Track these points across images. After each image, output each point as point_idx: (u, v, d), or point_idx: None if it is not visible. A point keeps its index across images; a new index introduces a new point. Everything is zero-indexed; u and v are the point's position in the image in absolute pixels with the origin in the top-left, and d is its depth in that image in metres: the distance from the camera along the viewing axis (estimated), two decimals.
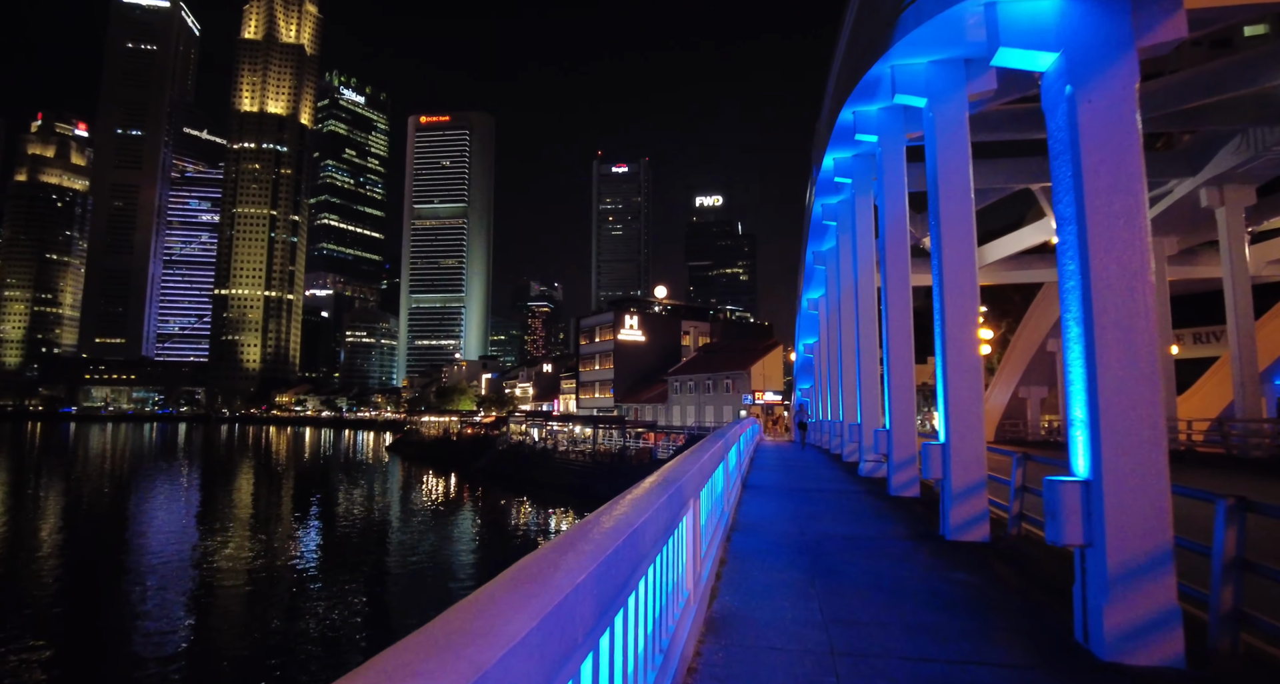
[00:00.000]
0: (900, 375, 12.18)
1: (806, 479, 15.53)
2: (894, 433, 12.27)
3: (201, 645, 17.98)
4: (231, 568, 26.31)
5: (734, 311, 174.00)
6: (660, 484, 3.41)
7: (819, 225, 21.77)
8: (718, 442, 7.35)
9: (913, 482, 12.33)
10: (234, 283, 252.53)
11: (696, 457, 5.30)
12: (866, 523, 9.50)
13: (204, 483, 57.49)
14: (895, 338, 12.32)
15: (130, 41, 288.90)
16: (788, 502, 11.39)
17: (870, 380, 16.33)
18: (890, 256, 12.79)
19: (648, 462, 50.31)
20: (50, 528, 35.46)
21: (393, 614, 21.32)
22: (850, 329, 20.13)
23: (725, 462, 8.49)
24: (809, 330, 34.19)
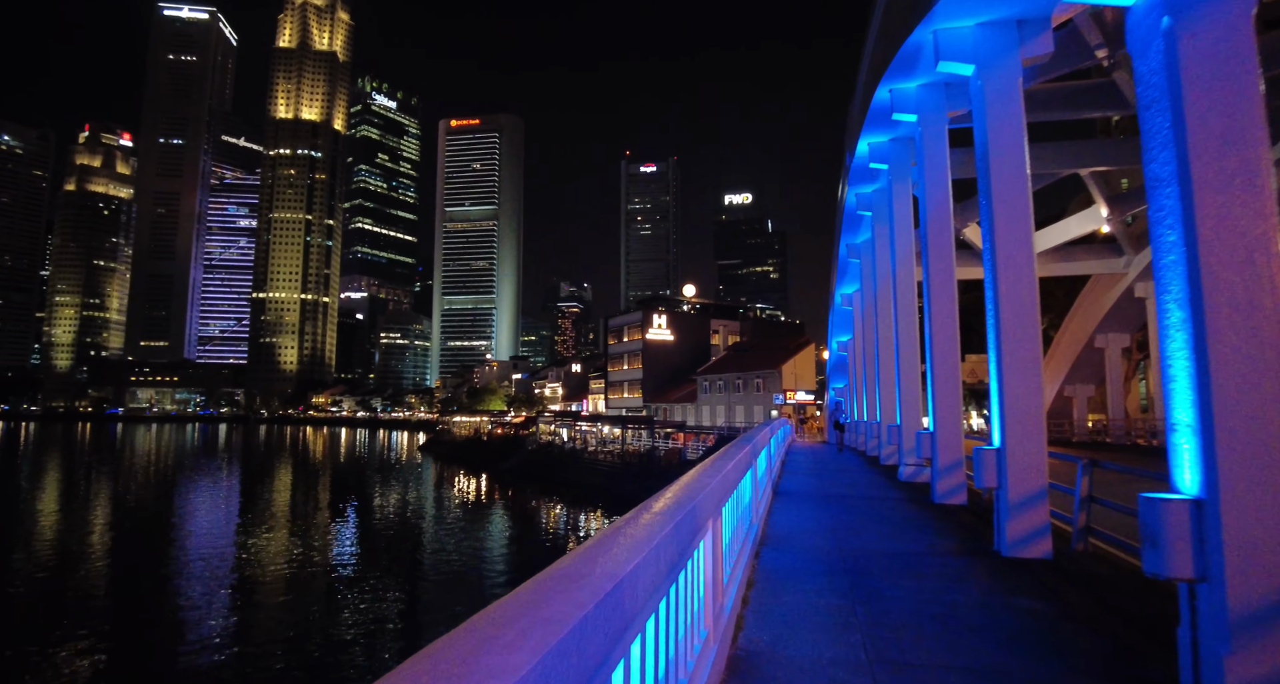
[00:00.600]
0: (945, 374, 11.24)
1: (842, 484, 14.62)
2: (938, 435, 11.33)
3: (243, 642, 18.25)
4: (272, 565, 26.80)
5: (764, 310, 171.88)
6: (668, 509, 2.65)
7: (853, 216, 20.77)
8: (744, 447, 6.58)
9: (959, 488, 11.38)
10: (271, 286, 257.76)
11: (718, 467, 4.54)
12: (911, 535, 8.62)
13: (244, 482, 58.76)
14: (940, 333, 11.39)
15: (171, 53, 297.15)
16: (822, 510, 10.54)
17: (910, 379, 15.35)
18: (933, 245, 11.85)
19: (677, 462, 49.50)
20: (100, 525, 36.63)
21: (425, 615, 21.23)
22: (888, 325, 19.11)
23: (754, 468, 7.71)
24: (843, 327, 32.99)
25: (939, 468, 11.37)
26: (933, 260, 11.75)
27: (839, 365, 36.96)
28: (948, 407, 11.31)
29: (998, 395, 7.58)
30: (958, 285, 15.85)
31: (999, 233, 7.68)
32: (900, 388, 15.48)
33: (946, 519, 9.96)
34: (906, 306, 15.74)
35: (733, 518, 5.29)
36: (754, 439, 7.90)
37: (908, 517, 10.21)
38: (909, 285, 15.87)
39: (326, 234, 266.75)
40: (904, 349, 15.51)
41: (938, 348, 11.37)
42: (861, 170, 17.86)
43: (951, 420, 11.25)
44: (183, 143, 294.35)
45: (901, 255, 15.89)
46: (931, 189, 12.07)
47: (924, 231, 12.06)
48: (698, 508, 2.97)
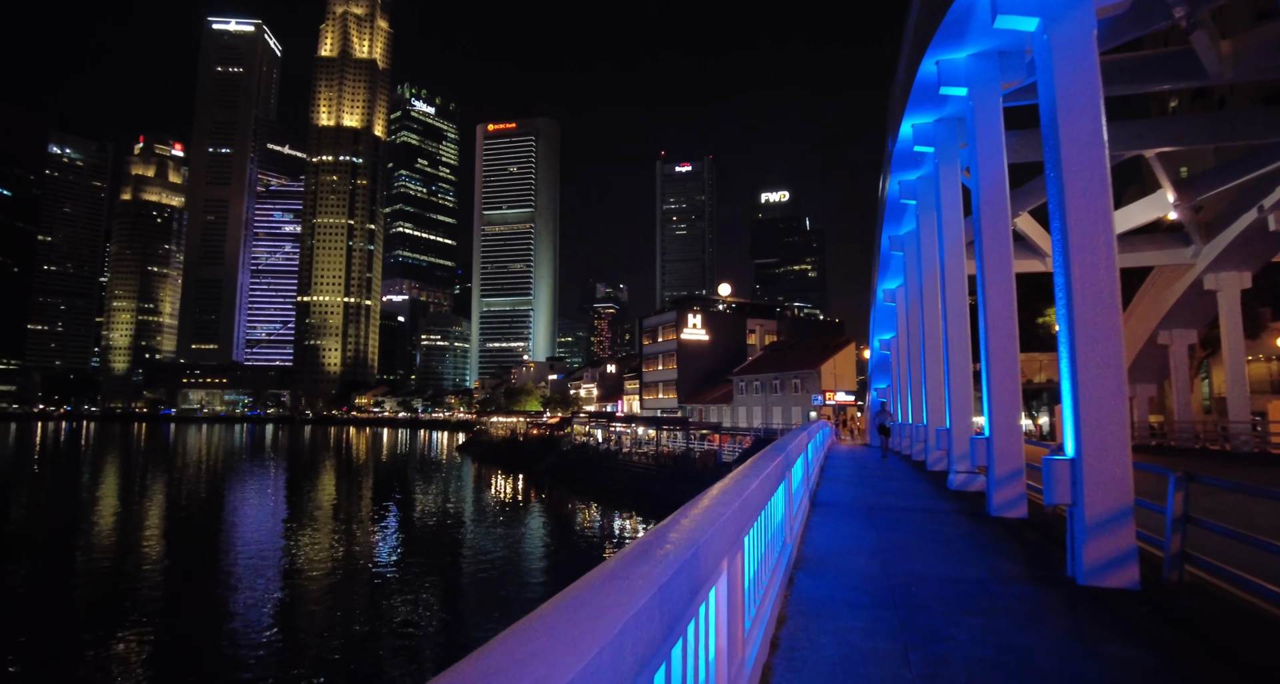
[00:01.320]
0: (1002, 374, 10.14)
1: (886, 494, 13.51)
2: (995, 442, 10.23)
3: (289, 635, 18.71)
4: (317, 562, 27.43)
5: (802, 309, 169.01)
6: (653, 563, 1.79)
7: (895, 205, 19.58)
8: (775, 458, 5.69)
9: (1018, 500, 10.24)
10: (315, 290, 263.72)
11: (739, 488, 3.67)
12: (968, 558, 7.59)
13: (290, 481, 60.13)
14: (996, 330, 10.29)
15: (219, 65, 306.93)
16: (865, 525, 9.52)
17: (961, 379, 14.17)
18: (988, 233, 10.74)
19: (712, 465, 48.45)
20: (155, 521, 38.27)
21: (462, 617, 21.28)
22: (935, 321, 17.90)
23: (788, 480, 6.82)
24: (885, 324, 31.56)
25: (996, 477, 10.26)
26: (988, 249, 10.64)
27: (881, 364, 35.49)
28: (1006, 410, 10.20)
29: (1072, 399, 6.53)
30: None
31: (1072, 213, 6.61)
32: (950, 389, 14.32)
33: (1007, 537, 8.87)
34: (956, 301, 14.57)
35: (759, 547, 4.42)
36: (787, 447, 6.99)
37: (962, 533, 9.14)
38: (958, 278, 14.70)
39: (368, 238, 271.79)
40: (953, 347, 14.34)
41: (994, 346, 10.28)
42: (905, 155, 16.72)
43: (1010, 425, 10.14)
44: (230, 151, 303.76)
45: (950, 246, 14.74)
46: (985, 170, 10.96)
47: (977, 218, 10.96)
48: (702, 554, 2.11)
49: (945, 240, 14.84)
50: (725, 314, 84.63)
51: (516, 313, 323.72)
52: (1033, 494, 10.74)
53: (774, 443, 7.42)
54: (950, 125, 14.63)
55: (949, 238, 14.80)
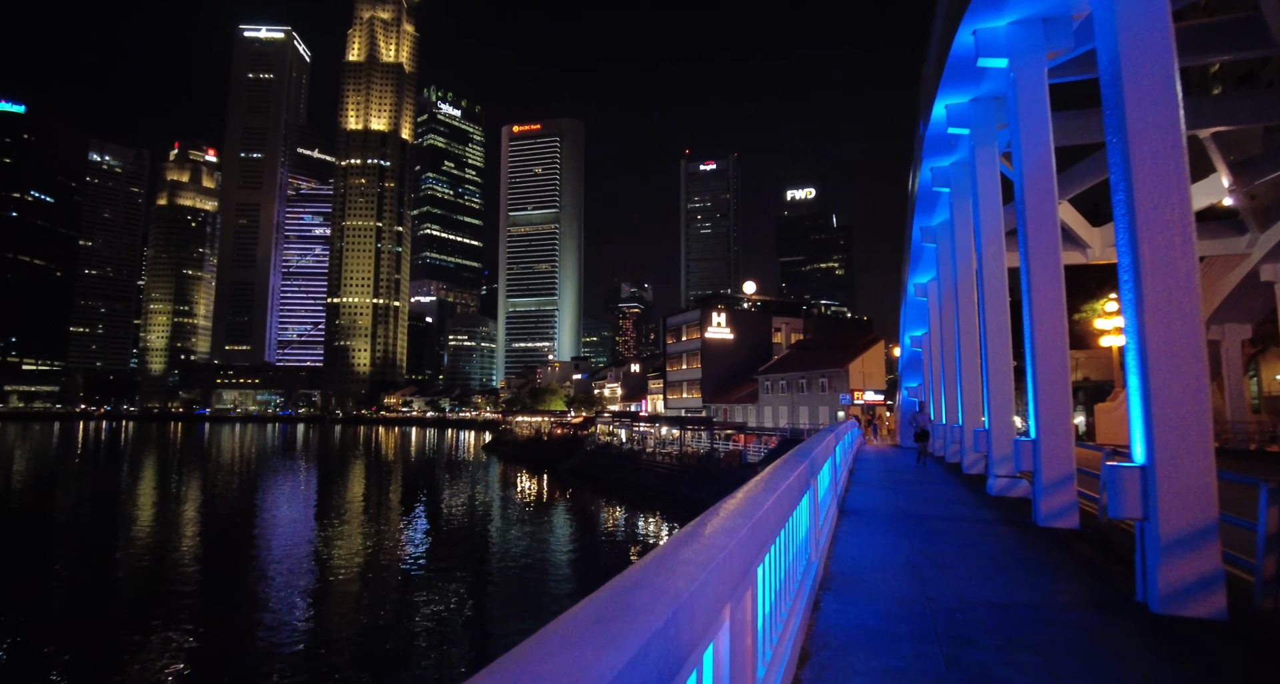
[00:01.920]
0: (1050, 372, 9.23)
1: (921, 500, 12.59)
2: (1042, 444, 9.32)
3: (318, 635, 18.99)
4: (346, 561, 27.91)
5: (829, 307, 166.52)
6: (609, 638, 1.16)
7: (927, 194, 18.59)
8: (799, 465, 4.95)
9: (1069, 509, 9.31)
10: (345, 292, 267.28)
11: (751, 507, 2.93)
12: (1018, 577, 6.73)
13: (321, 480, 61.01)
14: (1043, 324, 9.38)
15: (251, 72, 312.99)
16: (899, 536, 8.69)
17: (1000, 377, 13.22)
18: (1034, 218, 9.81)
19: (737, 465, 47.51)
20: (191, 518, 39.40)
21: (487, 617, 21.38)
22: (970, 315, 16.91)
23: (813, 489, 6.06)
24: (916, 320, 30.36)
25: (1044, 484, 9.34)
26: (1033, 236, 9.72)
27: (912, 362, 34.27)
28: (1055, 410, 9.28)
29: (1142, 397, 5.66)
30: None
31: (1141, 189, 5.73)
32: (988, 387, 13.37)
33: (1058, 550, 7.98)
34: (994, 294, 13.62)
35: (777, 572, 3.68)
36: (812, 452, 6.22)
37: (1007, 546, 8.27)
38: (997, 269, 13.75)
39: (396, 240, 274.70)
40: (992, 342, 13.39)
41: (1041, 340, 9.37)
42: (938, 139, 15.75)
43: (1060, 426, 9.22)
44: (262, 156, 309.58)
45: (988, 235, 13.78)
46: (1030, 148, 10.03)
47: (1021, 202, 10.03)
48: (685, 614, 1.52)
49: (982, 229, 13.89)
50: (750, 312, 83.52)
51: (542, 313, 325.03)
52: (1085, 503, 9.80)
53: (797, 447, 6.66)
54: (987, 105, 13.67)
55: (986, 226, 13.85)
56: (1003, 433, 13.02)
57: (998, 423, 13.07)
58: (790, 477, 4.29)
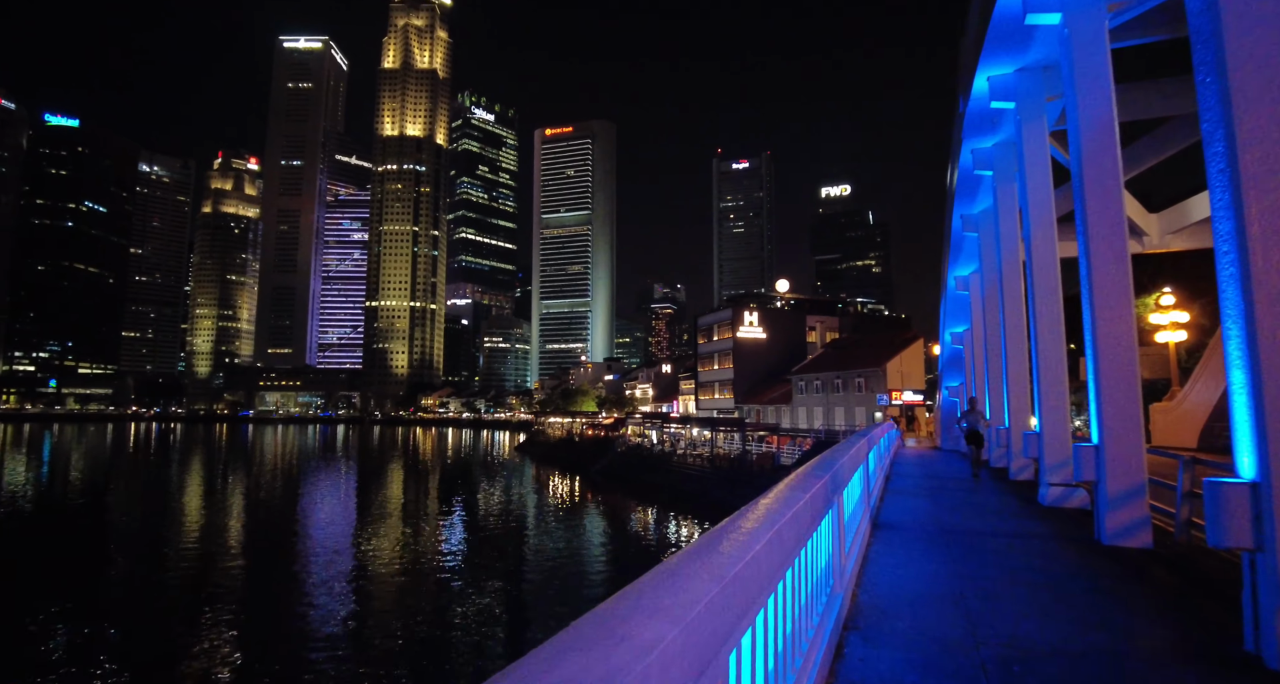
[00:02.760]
0: (1117, 369, 8.06)
1: (963, 511, 11.39)
2: (1108, 451, 8.14)
3: (358, 631, 19.48)
4: (384, 558, 28.78)
5: (865, 304, 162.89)
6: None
7: (968, 179, 17.27)
8: (818, 480, 4.00)
9: (1140, 526, 8.10)
10: (383, 295, 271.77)
11: (740, 549, 2.02)
12: (1088, 613, 5.62)
13: (360, 479, 62.35)
14: (1108, 314, 8.21)
15: (290, 81, 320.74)
16: (940, 557, 7.60)
17: (1052, 376, 11.97)
18: (1094, 195, 8.64)
19: (770, 468, 46.22)
20: (236, 516, 40.99)
21: (517, 620, 21.37)
22: (1017, 308, 15.61)
23: (837, 507, 5.08)
24: (957, 316, 28.76)
25: (1109, 495, 8.15)
26: (1093, 218, 8.54)
27: (953, 360, 32.62)
28: (1122, 413, 8.10)
29: (1249, 395, 4.55)
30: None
31: (1246, 134, 4.61)
32: (1039, 386, 12.12)
33: (1132, 577, 6.82)
34: (1045, 284, 12.38)
35: (785, 614, 2.73)
36: (837, 463, 5.23)
37: (1070, 570, 7.13)
38: (1047, 258, 12.51)
39: (432, 244, 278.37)
40: (1043, 338, 12.15)
41: (1105, 336, 8.20)
42: (979, 117, 14.50)
43: (1127, 431, 8.04)
44: (301, 164, 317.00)
45: (1037, 220, 12.55)
46: (1090, 116, 8.84)
47: (1080, 180, 8.85)
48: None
49: (1031, 214, 12.64)
50: (783, 311, 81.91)
51: (575, 314, 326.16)
52: (1159, 519, 8.58)
53: (820, 458, 5.67)
54: (1034, 75, 12.42)
55: (1035, 210, 12.60)
56: (1057, 437, 11.77)
57: (1051, 425, 11.82)
58: (805, 496, 3.34)
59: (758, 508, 2.91)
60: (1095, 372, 8.23)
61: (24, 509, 42.60)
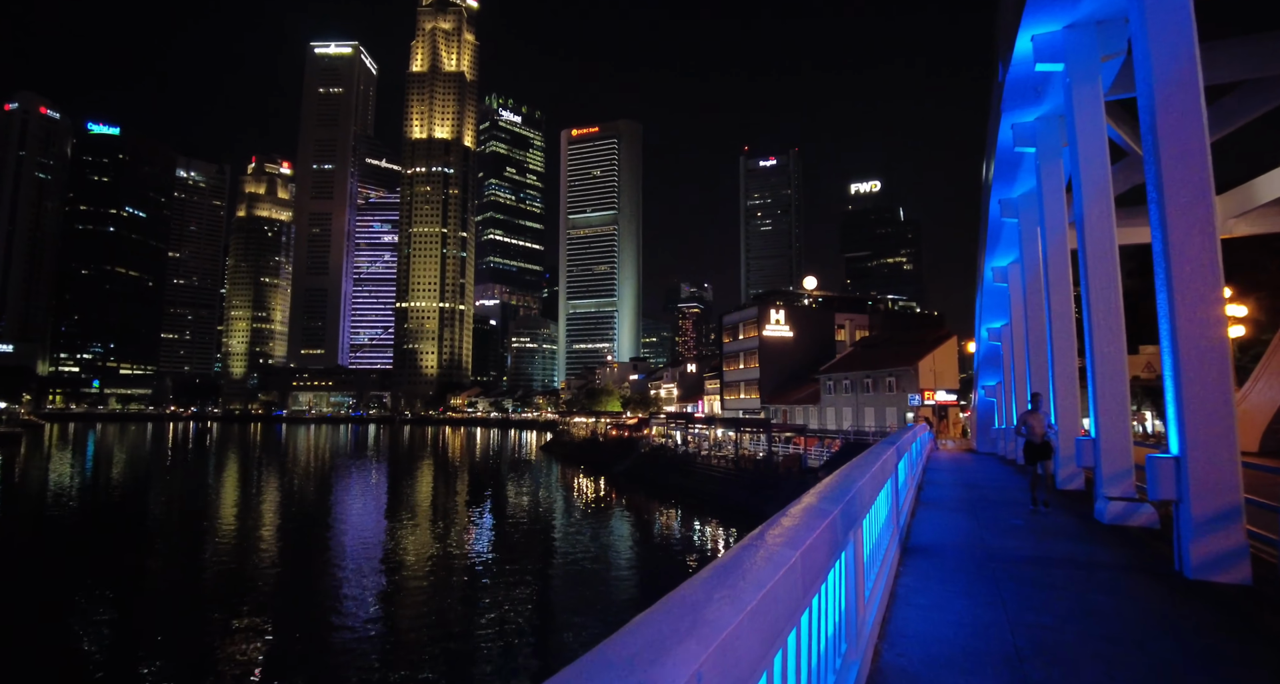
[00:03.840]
0: (1203, 367, 6.64)
1: (1010, 531, 9.87)
2: (1191, 463, 6.70)
3: (385, 629, 19.80)
4: (408, 558, 29.34)
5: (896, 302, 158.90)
6: None
7: (1008, 158, 15.72)
8: (823, 519, 2.79)
9: (1236, 556, 6.62)
10: (413, 296, 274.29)
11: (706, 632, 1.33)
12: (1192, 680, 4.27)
13: (390, 479, 63.58)
14: (1192, 304, 6.80)
15: (321, 86, 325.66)
16: (986, 596, 6.22)
17: (1111, 372, 10.47)
18: (1174, 158, 7.18)
19: (797, 470, 44.65)
20: (270, 513, 42.31)
21: (543, 622, 21.41)
22: (1064, 300, 14.05)
23: (855, 542, 3.84)
24: (995, 310, 26.85)
25: (1195, 519, 6.70)
26: (1175, 189, 7.09)
27: (990, 357, 30.76)
28: (1209, 419, 6.66)
29: None
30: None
31: None
32: (1096, 386, 10.61)
33: (1241, 631, 5.39)
34: (1103, 273, 10.86)
35: None
36: (854, 488, 3.97)
37: (1156, 619, 5.71)
38: (1105, 243, 10.99)
39: (461, 246, 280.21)
40: (1098, 332, 10.64)
41: (1189, 329, 6.78)
42: (1021, 86, 12.98)
43: (1220, 442, 6.61)
44: (333, 167, 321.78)
45: (1092, 199, 11.04)
46: (1168, 70, 7.39)
47: (1154, 147, 7.38)
48: None
49: (1085, 192, 11.13)
50: (811, 309, 79.91)
51: (601, 314, 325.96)
52: (1259, 548, 7.10)
53: (832, 482, 4.39)
54: (1087, 31, 10.91)
55: (1090, 188, 11.08)
56: (1117, 443, 10.27)
57: (1110, 430, 10.32)
58: (790, 560, 2.14)
59: (737, 571, 1.94)
60: (1175, 371, 6.80)
61: (71, 506, 44.54)
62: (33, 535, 35.02)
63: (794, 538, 2.45)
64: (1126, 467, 10.18)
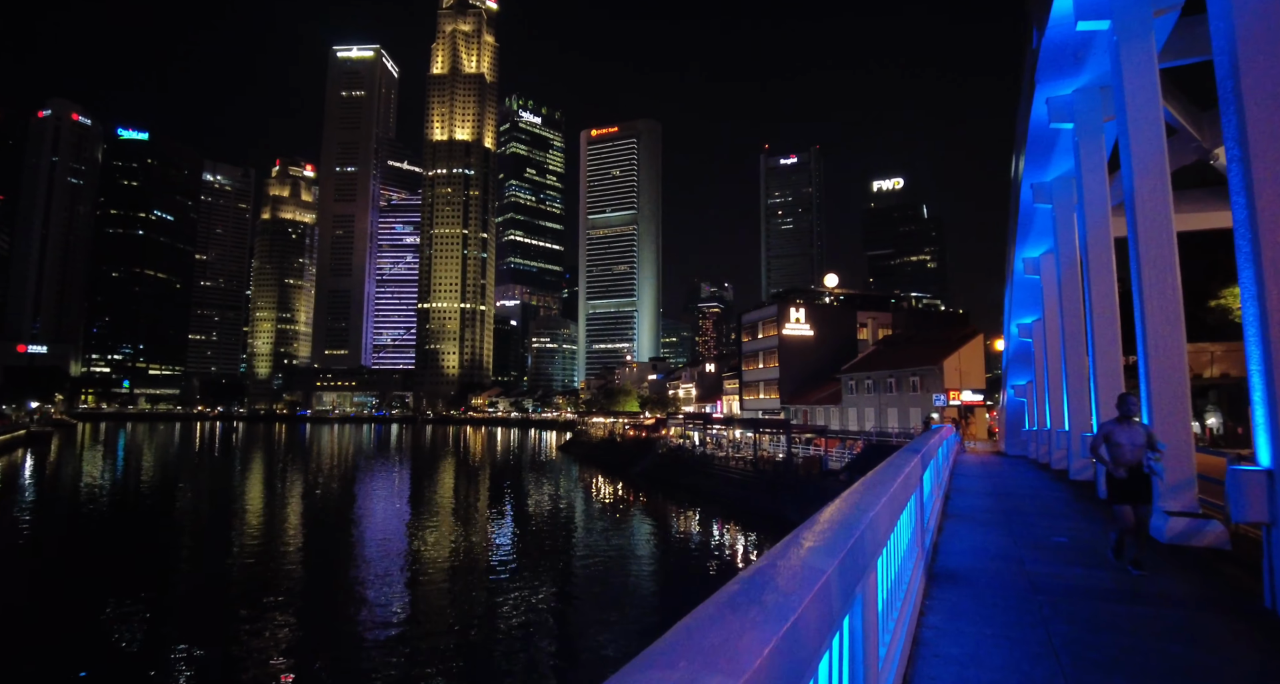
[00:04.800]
0: None
1: (1054, 550, 8.64)
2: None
3: (409, 627, 19.83)
4: (428, 559, 29.51)
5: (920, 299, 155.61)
6: None
7: (1041, 136, 14.38)
8: (802, 596, 1.87)
9: None
10: (434, 297, 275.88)
11: None
12: None
13: (412, 479, 63.42)
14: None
15: (344, 90, 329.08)
16: (1034, 646, 5.01)
17: (1168, 369, 9.20)
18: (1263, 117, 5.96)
19: (816, 472, 43.23)
20: (294, 512, 42.91)
21: (563, 625, 21.26)
22: (1106, 291, 12.74)
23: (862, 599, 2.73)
24: (1026, 303, 25.22)
25: None
26: (1260, 137, 5.88)
27: (1020, 355, 29.16)
28: None
29: None
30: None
31: None
32: (1150, 384, 9.35)
33: None
34: (1159, 260, 9.57)
35: None
36: (865, 520, 2.85)
37: (1256, 673, 4.53)
38: (1160, 224, 9.69)
39: (481, 247, 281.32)
40: (1153, 322, 9.37)
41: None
42: (1058, 50, 11.68)
43: None
44: (355, 170, 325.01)
45: (1145, 172, 9.76)
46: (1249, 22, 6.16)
47: (1235, 108, 6.17)
48: None
49: (1136, 168, 9.84)
50: (832, 307, 78.17)
51: (621, 314, 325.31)
52: None
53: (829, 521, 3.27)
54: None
55: (1143, 160, 9.79)
56: (1177, 449, 8.99)
57: (1168, 434, 9.04)
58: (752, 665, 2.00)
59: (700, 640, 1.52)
60: (1266, 366, 5.58)
61: (103, 503, 45.66)
62: (66, 531, 35.92)
63: (813, 558, 1.87)
64: (1189, 476, 8.91)
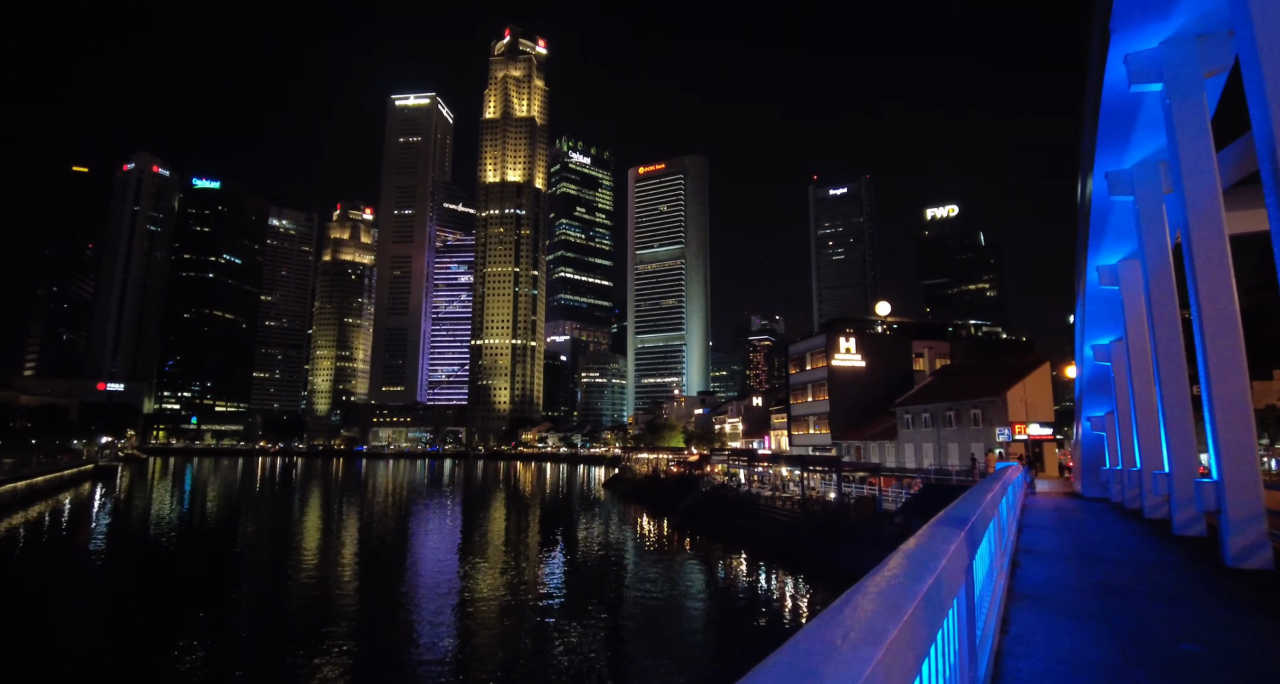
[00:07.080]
0: None
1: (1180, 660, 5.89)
2: None
3: (460, 661, 20.24)
4: (483, 592, 30.44)
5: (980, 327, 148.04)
6: None
7: (1119, 106, 11.78)
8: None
9: None
10: (486, 334, 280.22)
11: None
12: None
13: (464, 515, 64.30)
14: None
15: (401, 136, 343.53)
16: None
17: (1231, 395, 6.54)
18: None
19: (870, 515, 39.68)
20: (350, 546, 44.24)
21: (610, 667, 20.87)
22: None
23: None
24: (1102, 320, 21.63)
25: None
26: None
27: (1097, 381, 25.59)
28: None
29: None
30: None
31: None
32: (1213, 413, 6.67)
33: None
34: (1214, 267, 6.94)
35: None
36: None
37: None
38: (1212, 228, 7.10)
39: (532, 284, 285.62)
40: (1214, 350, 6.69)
41: None
42: None
43: None
44: (412, 212, 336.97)
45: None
46: None
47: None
48: None
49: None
50: (884, 336, 74.32)
51: (669, 348, 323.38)
52: None
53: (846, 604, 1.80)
54: None
55: None
56: (1241, 483, 6.26)
57: (1232, 469, 6.31)
58: None
59: None
60: None
61: (171, 535, 48.23)
62: (134, 563, 37.90)
63: None
64: (1255, 512, 6.16)
